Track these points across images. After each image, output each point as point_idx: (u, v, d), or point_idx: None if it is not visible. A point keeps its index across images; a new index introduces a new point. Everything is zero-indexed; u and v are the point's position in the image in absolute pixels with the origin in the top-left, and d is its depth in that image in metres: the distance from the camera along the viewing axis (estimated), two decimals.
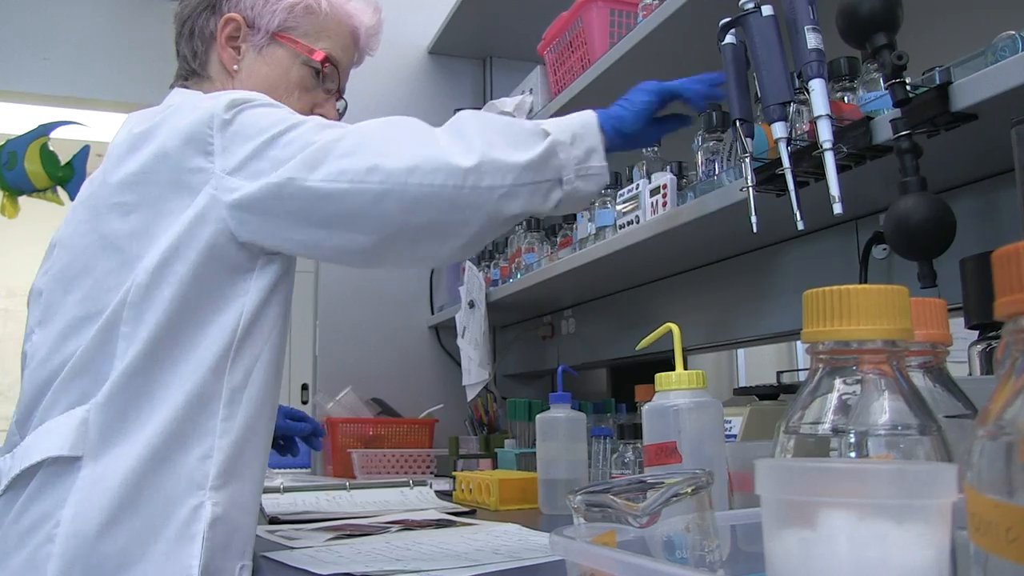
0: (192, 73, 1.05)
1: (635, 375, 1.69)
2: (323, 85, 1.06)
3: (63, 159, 2.71)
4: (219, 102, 0.85)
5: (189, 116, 0.85)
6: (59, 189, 2.71)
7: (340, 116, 1.10)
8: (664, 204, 1.30)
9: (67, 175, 2.69)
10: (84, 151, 2.72)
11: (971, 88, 0.77)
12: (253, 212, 0.83)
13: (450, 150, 0.83)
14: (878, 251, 1.19)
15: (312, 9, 1.03)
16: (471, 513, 1.26)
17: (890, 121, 0.83)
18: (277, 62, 1.03)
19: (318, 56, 1.03)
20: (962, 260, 0.84)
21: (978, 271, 0.82)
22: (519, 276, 1.87)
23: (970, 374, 0.82)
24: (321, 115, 1.03)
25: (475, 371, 2.00)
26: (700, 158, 1.26)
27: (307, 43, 1.03)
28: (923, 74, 0.85)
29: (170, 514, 0.79)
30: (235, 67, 1.02)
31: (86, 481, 0.79)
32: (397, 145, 0.82)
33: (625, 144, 1.01)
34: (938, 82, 0.80)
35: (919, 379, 0.48)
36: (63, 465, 0.80)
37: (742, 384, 2.04)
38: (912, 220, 0.79)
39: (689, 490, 0.47)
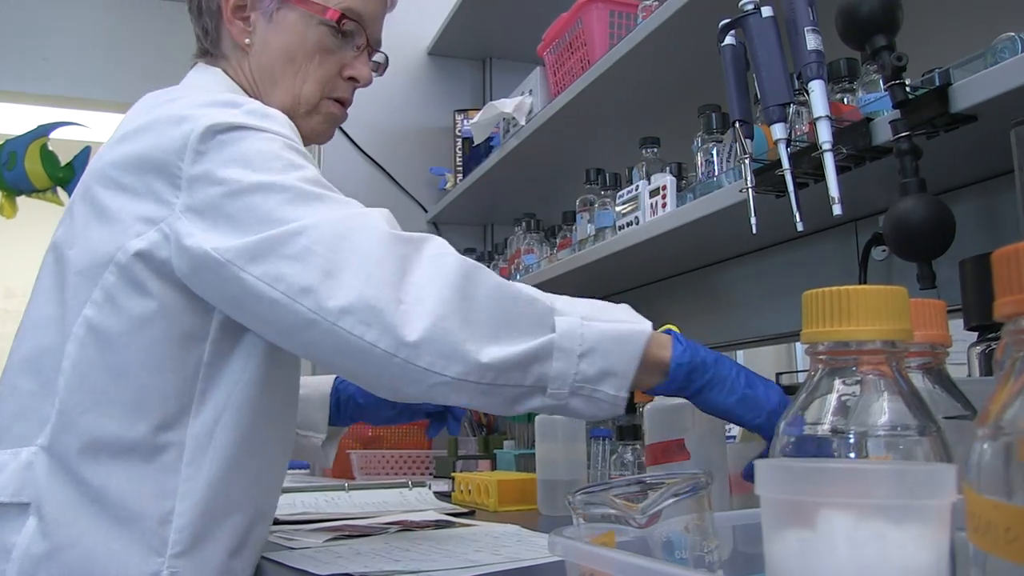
0: (206, 52, 0.96)
1: None
2: (351, 42, 0.94)
3: (63, 159, 2.71)
4: (195, 129, 0.75)
5: (169, 133, 0.76)
6: (59, 190, 2.71)
7: (381, 69, 1.01)
8: (664, 205, 1.30)
9: (67, 176, 2.69)
10: (85, 152, 2.72)
11: (971, 89, 0.77)
12: (195, 268, 0.73)
13: (400, 306, 0.66)
14: (877, 252, 1.19)
15: None
16: (470, 514, 1.26)
17: (890, 122, 0.83)
18: (290, 28, 0.92)
19: (332, 15, 0.91)
20: (961, 261, 0.84)
21: (977, 272, 0.82)
22: (518, 277, 1.87)
23: (969, 375, 0.82)
24: (353, 77, 0.95)
25: None
26: (700, 159, 1.26)
27: (320, 0, 0.92)
28: (923, 75, 0.86)
29: None
30: (247, 41, 0.92)
31: (32, 536, 0.73)
32: (348, 269, 0.67)
33: (688, 389, 0.75)
34: (938, 83, 0.80)
35: (918, 380, 0.48)
36: (9, 511, 0.75)
37: None
38: (911, 221, 0.80)
39: (688, 491, 0.47)
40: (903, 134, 0.82)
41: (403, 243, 0.69)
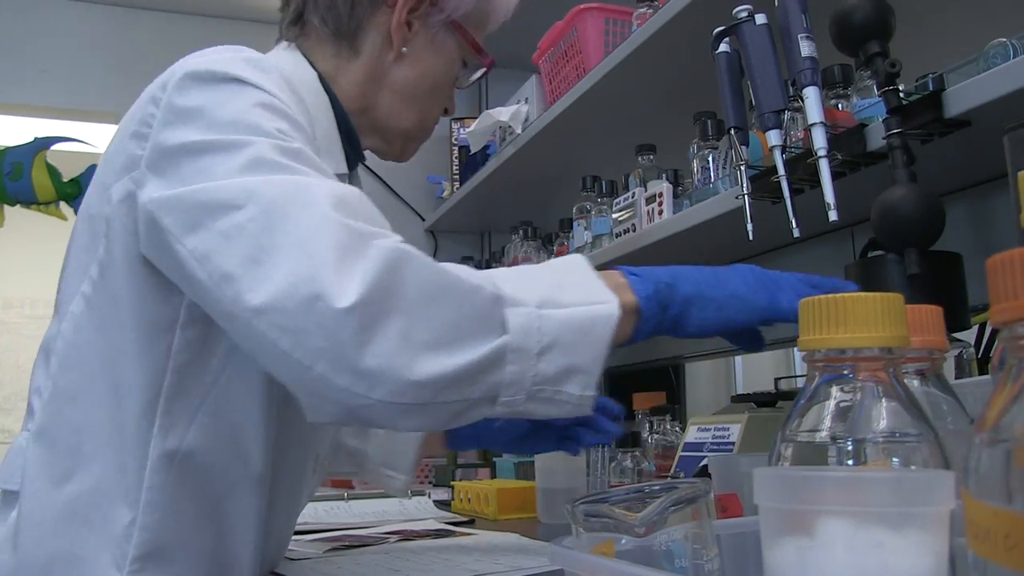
0: (337, 36, 0.83)
1: (633, 383, 1.69)
2: (465, 79, 0.92)
3: (64, 173, 2.72)
4: (177, 71, 0.67)
5: (156, 82, 0.69)
6: (62, 204, 2.71)
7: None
8: (660, 212, 1.30)
9: (74, 191, 2.69)
10: (91, 171, 2.72)
11: (964, 95, 0.78)
12: (146, 231, 0.64)
13: (333, 291, 0.54)
14: None
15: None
16: (470, 523, 1.25)
17: (882, 120, 0.84)
18: (446, 54, 0.86)
19: (489, 61, 0.90)
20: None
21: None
22: None
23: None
24: (448, 109, 0.93)
25: None
26: (696, 166, 1.27)
27: (477, 38, 0.88)
28: (916, 81, 0.86)
29: None
30: (404, 49, 0.84)
31: (11, 527, 0.68)
32: (275, 254, 0.56)
33: (670, 324, 0.66)
34: (931, 89, 0.80)
35: (916, 386, 0.48)
36: (7, 498, 0.70)
37: (740, 391, 2.04)
38: (899, 209, 0.79)
39: (688, 499, 0.47)
40: (895, 131, 0.82)
41: (347, 234, 0.57)
